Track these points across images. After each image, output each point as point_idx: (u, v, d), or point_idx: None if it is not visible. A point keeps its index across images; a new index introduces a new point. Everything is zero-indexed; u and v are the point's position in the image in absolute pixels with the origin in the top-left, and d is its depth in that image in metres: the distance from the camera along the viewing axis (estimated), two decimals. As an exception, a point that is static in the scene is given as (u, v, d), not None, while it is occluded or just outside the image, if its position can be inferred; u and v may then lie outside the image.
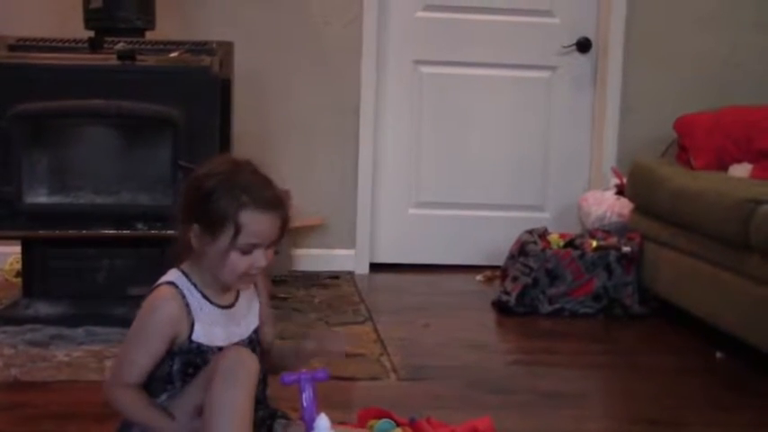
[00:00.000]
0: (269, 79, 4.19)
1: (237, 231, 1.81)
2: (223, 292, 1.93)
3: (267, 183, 1.87)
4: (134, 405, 1.85)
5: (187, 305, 1.86)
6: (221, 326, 1.90)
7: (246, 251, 1.83)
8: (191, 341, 1.86)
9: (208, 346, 1.87)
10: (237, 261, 1.84)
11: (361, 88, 4.27)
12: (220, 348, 1.87)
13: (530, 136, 4.45)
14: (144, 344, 1.85)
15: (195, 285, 1.89)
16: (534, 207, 4.47)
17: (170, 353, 1.86)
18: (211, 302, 1.90)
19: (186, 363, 1.86)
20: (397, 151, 4.40)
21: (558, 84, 4.44)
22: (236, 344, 1.91)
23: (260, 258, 1.85)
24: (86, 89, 3.14)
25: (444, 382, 2.81)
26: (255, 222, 1.82)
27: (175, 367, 1.86)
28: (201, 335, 1.87)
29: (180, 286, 1.88)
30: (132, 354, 1.86)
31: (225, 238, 1.82)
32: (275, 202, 1.85)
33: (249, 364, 1.80)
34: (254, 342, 1.96)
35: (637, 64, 4.37)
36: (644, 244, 3.71)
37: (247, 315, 1.97)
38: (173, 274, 1.91)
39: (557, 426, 2.52)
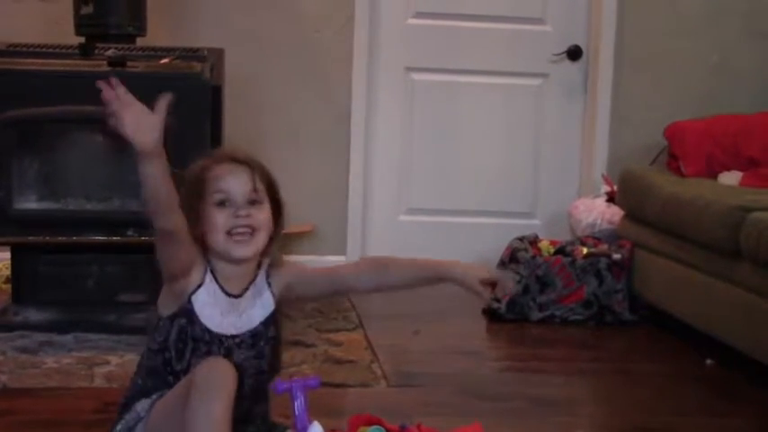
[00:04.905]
0: (260, 86, 4.19)
1: (203, 185, 1.89)
2: (234, 281, 1.95)
3: (229, 148, 2.01)
4: None
5: (206, 267, 1.91)
6: (221, 311, 1.93)
7: (222, 201, 1.89)
8: (189, 301, 1.89)
9: (198, 318, 1.90)
10: (217, 214, 1.88)
11: (351, 95, 4.27)
12: (208, 330, 1.90)
13: (520, 143, 4.46)
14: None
15: (209, 262, 1.93)
16: (525, 214, 4.47)
17: (171, 317, 1.90)
18: (219, 285, 1.93)
19: (181, 329, 1.89)
20: (387, 158, 4.40)
21: (549, 91, 4.45)
22: (234, 336, 1.93)
23: (239, 209, 1.89)
24: (77, 95, 3.13)
25: (435, 389, 2.81)
26: (218, 173, 1.90)
27: (173, 334, 1.89)
28: (200, 302, 1.90)
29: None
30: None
31: (201, 202, 1.88)
32: (236, 155, 1.94)
33: (226, 376, 1.80)
34: (259, 336, 1.97)
35: (627, 72, 4.39)
36: (634, 251, 3.71)
37: (251, 308, 1.97)
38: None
39: (547, 433, 2.53)
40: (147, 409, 1.89)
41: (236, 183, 1.90)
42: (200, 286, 1.91)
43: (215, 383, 1.77)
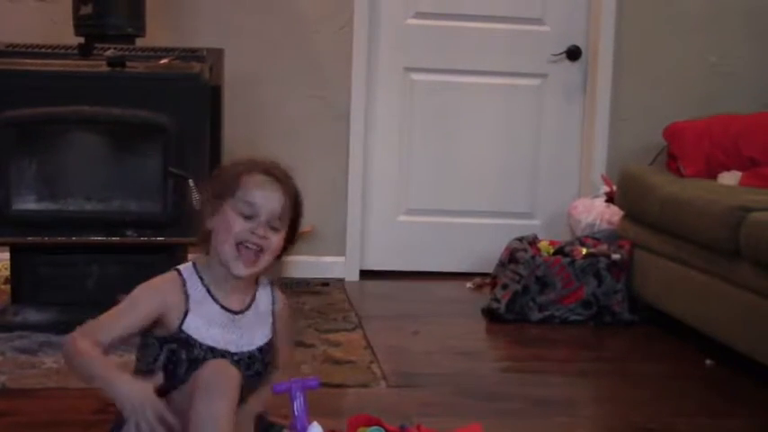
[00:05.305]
0: (259, 86, 4.19)
1: (236, 186, 1.88)
2: (234, 295, 1.94)
3: (276, 163, 1.95)
4: (91, 356, 1.79)
5: (186, 293, 1.89)
6: (221, 327, 1.92)
7: (245, 213, 1.87)
8: (181, 330, 1.88)
9: (196, 341, 1.88)
10: (236, 222, 1.87)
11: (351, 95, 4.27)
12: (212, 349, 1.88)
13: (520, 143, 4.46)
14: (128, 311, 1.87)
15: (202, 280, 1.92)
16: (524, 214, 4.47)
17: (161, 340, 1.88)
18: (215, 301, 1.91)
19: (172, 353, 1.87)
20: (387, 158, 4.40)
21: (548, 91, 4.45)
22: (233, 354, 1.92)
23: (258, 228, 1.88)
24: (76, 96, 3.14)
25: (434, 390, 2.80)
26: (255, 183, 1.89)
27: (162, 358, 1.87)
28: (193, 327, 1.88)
29: (185, 276, 1.91)
30: (113, 315, 1.87)
31: (227, 199, 1.88)
32: (278, 174, 1.93)
33: (230, 376, 1.80)
34: (255, 359, 1.95)
35: (626, 72, 4.38)
36: (633, 251, 3.71)
37: (254, 329, 1.96)
38: (183, 266, 1.95)
39: (547, 433, 2.53)
40: None
41: (266, 202, 1.89)
42: (186, 314, 1.89)
43: (219, 384, 1.77)
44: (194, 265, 1.94)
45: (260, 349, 1.97)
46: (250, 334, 1.95)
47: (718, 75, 4.41)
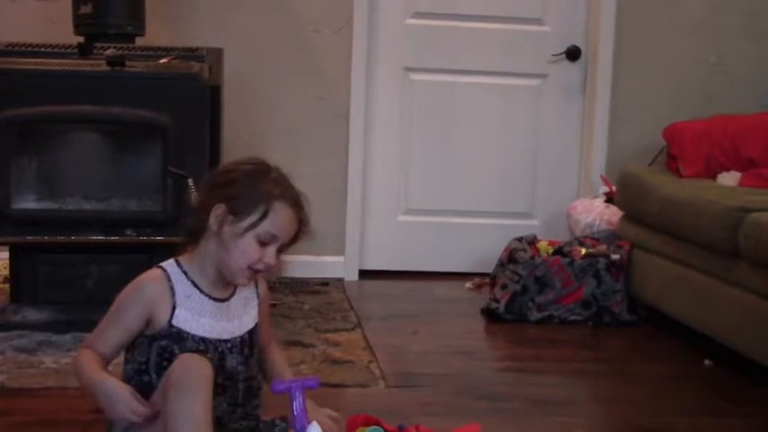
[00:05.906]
0: (259, 86, 4.19)
1: (264, 216, 1.87)
2: (219, 287, 1.94)
3: (293, 185, 1.96)
4: (85, 366, 1.85)
5: (171, 289, 1.90)
6: (211, 317, 1.92)
7: (263, 241, 1.88)
8: (171, 325, 1.88)
9: (188, 333, 1.88)
10: (251, 247, 1.88)
11: (350, 95, 4.27)
12: (203, 339, 1.89)
13: (519, 143, 4.46)
14: (117, 316, 1.89)
15: (186, 274, 1.92)
16: (523, 214, 4.47)
17: (150, 338, 1.88)
18: (202, 292, 1.92)
19: (163, 350, 1.87)
20: (386, 158, 4.40)
21: (548, 92, 4.45)
22: (226, 341, 1.92)
23: (270, 255, 1.89)
24: (76, 95, 3.14)
25: (433, 390, 2.81)
26: (283, 214, 1.90)
27: (153, 356, 1.87)
28: (182, 320, 1.89)
29: (169, 271, 1.92)
30: (105, 323, 1.91)
31: (249, 220, 1.87)
32: (300, 203, 1.95)
33: (201, 369, 1.78)
34: (245, 343, 1.96)
35: (626, 72, 4.39)
36: (633, 251, 3.71)
37: (242, 314, 1.98)
38: (166, 262, 1.95)
39: (546, 433, 2.53)
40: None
41: (285, 234, 1.91)
42: (174, 308, 1.89)
43: (191, 381, 1.76)
44: (176, 260, 1.95)
45: (250, 332, 1.98)
46: (239, 319, 1.97)
47: (717, 74, 4.42)
